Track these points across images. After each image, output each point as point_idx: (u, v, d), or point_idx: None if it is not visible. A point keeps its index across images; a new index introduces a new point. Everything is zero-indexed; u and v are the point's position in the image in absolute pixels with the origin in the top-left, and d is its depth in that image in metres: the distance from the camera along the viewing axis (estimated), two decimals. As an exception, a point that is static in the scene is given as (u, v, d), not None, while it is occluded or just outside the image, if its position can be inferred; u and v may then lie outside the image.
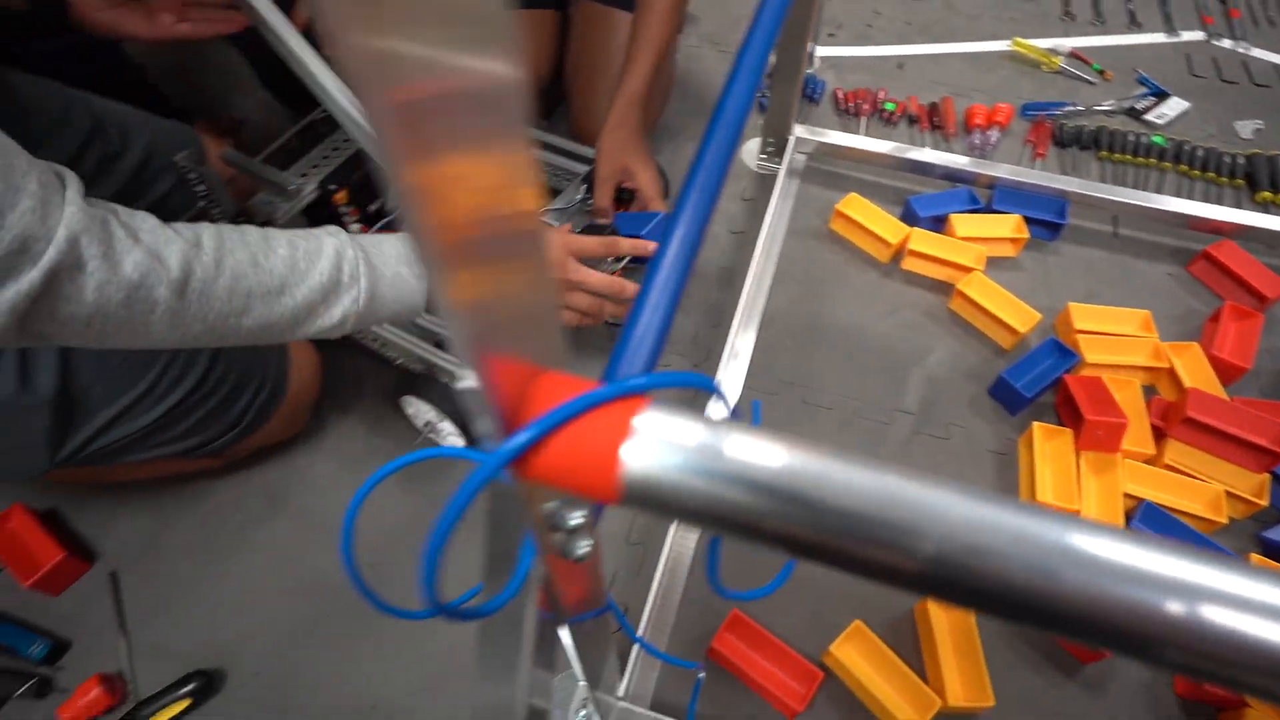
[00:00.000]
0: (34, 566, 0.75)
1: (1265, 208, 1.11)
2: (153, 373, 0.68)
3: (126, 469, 0.80)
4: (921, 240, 1.02)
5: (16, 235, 0.41)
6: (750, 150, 1.19)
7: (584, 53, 1.06)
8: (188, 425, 0.72)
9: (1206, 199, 1.11)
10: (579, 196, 0.96)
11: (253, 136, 1.22)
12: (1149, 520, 0.79)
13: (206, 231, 0.51)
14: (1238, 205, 1.12)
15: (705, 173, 0.60)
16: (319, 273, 0.55)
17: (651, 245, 0.81)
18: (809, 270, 1.05)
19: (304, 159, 0.91)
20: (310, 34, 0.72)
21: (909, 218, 1.08)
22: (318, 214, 0.89)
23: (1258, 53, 1.35)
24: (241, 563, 0.81)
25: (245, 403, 0.76)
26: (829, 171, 1.16)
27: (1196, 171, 1.15)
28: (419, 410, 0.82)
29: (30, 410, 0.63)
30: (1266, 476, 0.81)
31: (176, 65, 1.27)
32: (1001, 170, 1.08)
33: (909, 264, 1.04)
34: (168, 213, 0.53)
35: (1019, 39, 1.35)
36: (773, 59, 1.29)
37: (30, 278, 0.42)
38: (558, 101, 1.18)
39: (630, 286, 0.77)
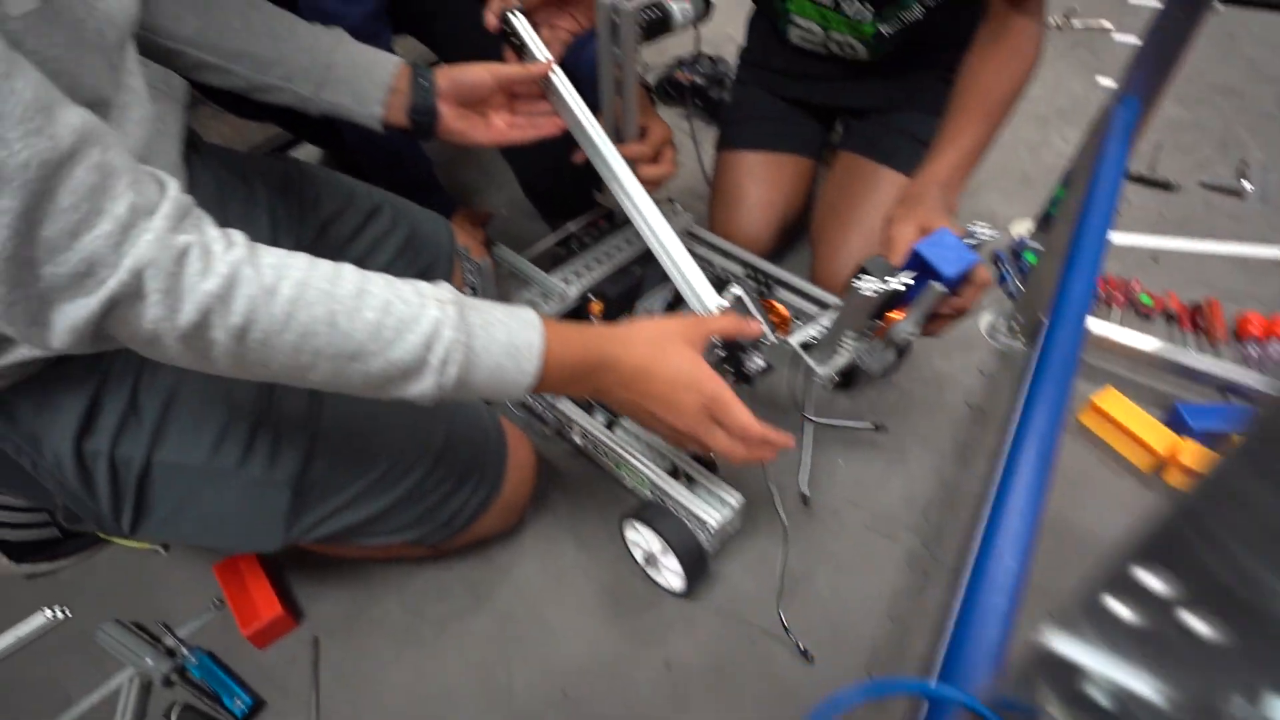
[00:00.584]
0: (254, 616, 0.77)
1: None
2: (382, 465, 0.69)
3: (342, 548, 0.82)
4: (1197, 457, 0.91)
5: (85, 258, 0.41)
6: (987, 322, 1.14)
7: (839, 202, 1.07)
8: (407, 518, 0.73)
9: None
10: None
11: (497, 232, 1.30)
12: None
13: (289, 278, 0.48)
14: None
15: (1039, 420, 0.55)
16: (404, 348, 0.51)
17: (756, 328, 0.69)
18: (1062, 472, 0.96)
19: (567, 264, 0.94)
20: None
21: (1176, 425, 0.97)
22: (574, 319, 0.92)
23: None
24: (439, 657, 0.78)
25: (463, 499, 0.76)
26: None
27: None
28: (643, 539, 0.79)
29: (274, 488, 0.66)
30: None
31: (444, 159, 1.40)
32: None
33: (1175, 478, 0.93)
34: None
35: (1298, 249, 1.25)
36: (1027, 231, 1.25)
37: (88, 303, 0.42)
38: (791, 242, 1.19)
39: (782, 440, 0.65)
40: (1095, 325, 1.06)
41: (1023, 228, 1.29)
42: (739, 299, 0.73)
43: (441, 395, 0.53)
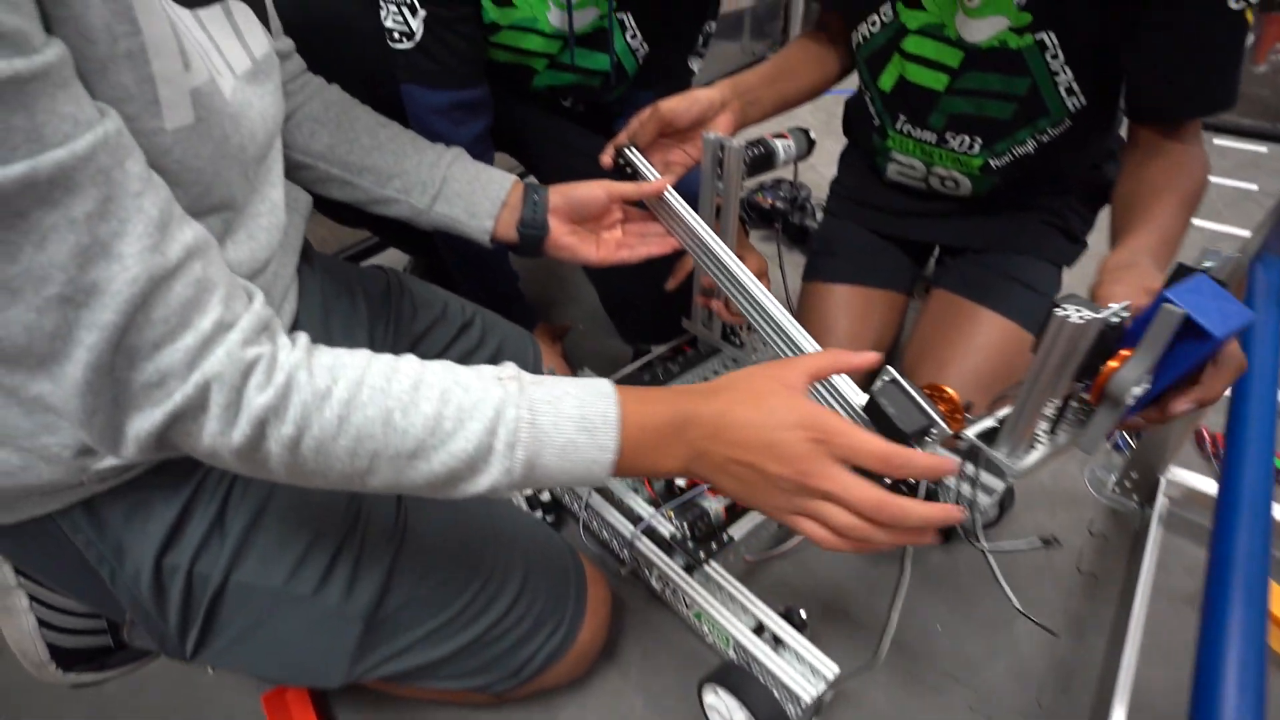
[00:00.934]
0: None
1: None
2: (458, 603, 0.65)
3: (400, 687, 0.76)
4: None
5: (160, 370, 0.41)
6: (1091, 473, 1.06)
7: (934, 341, 1.02)
8: (477, 663, 0.67)
9: None
10: None
11: (573, 347, 1.30)
12: None
13: (344, 379, 0.46)
14: None
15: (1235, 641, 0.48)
16: (466, 438, 0.47)
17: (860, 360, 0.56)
18: (1187, 646, 0.85)
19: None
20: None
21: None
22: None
23: None
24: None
25: (537, 645, 0.70)
26: (1192, 522, 0.99)
27: None
28: (723, 705, 0.71)
29: (346, 621, 0.62)
30: None
31: (524, 270, 1.42)
32: None
33: (1330, 676, 0.81)
34: None
35: None
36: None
37: (153, 415, 0.42)
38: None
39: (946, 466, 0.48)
40: (1194, 480, 0.97)
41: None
42: (894, 381, 0.54)
43: (511, 483, 0.48)
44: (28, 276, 0.36)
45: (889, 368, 0.56)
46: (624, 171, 0.82)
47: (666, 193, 0.79)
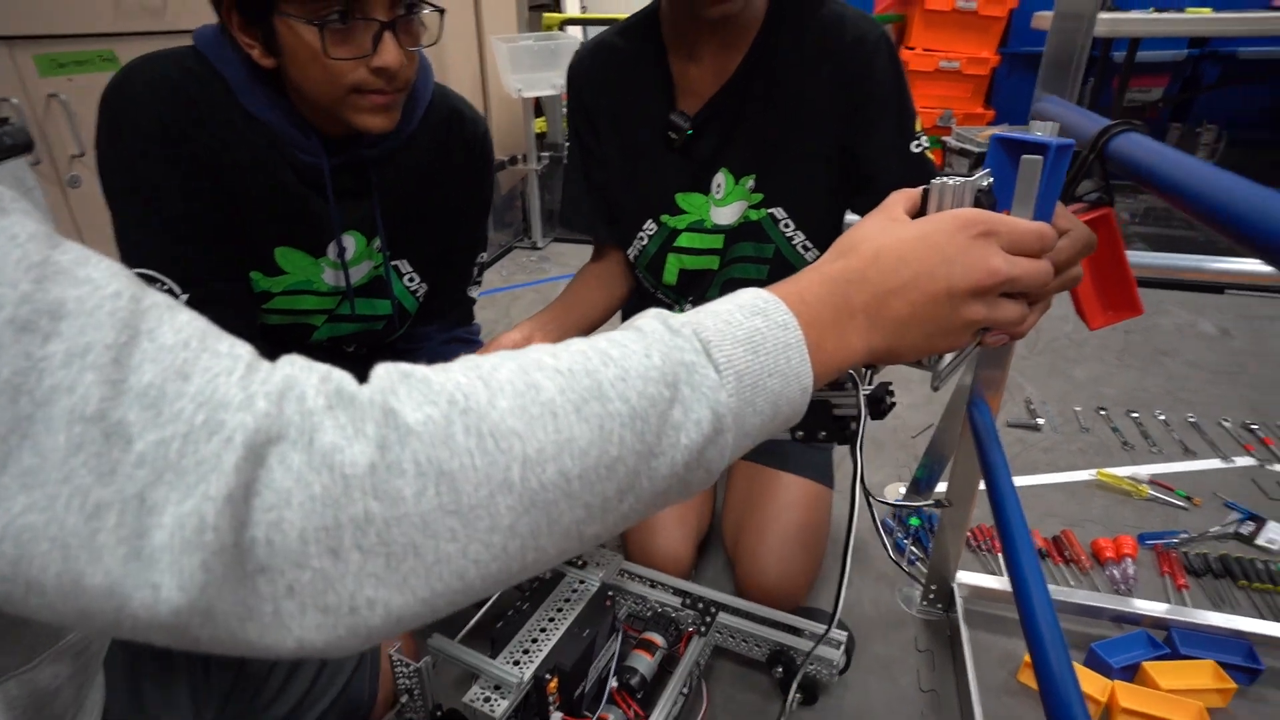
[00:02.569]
0: None
1: None
2: None
3: None
4: (1133, 696, 0.97)
5: (202, 403, 0.29)
6: (903, 594, 1.19)
7: (747, 510, 1.12)
8: None
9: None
10: None
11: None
12: None
13: (445, 365, 0.35)
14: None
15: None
16: (643, 354, 0.36)
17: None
18: (1021, 734, 0.97)
19: (509, 643, 0.87)
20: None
21: (1097, 666, 1.04)
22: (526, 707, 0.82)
23: (1311, 476, 1.49)
24: None
25: None
26: (983, 613, 1.16)
27: (1339, 599, 1.17)
28: None
29: None
30: None
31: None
32: (1192, 613, 1.09)
33: (1124, 723, 0.97)
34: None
35: (1101, 470, 1.48)
36: (899, 494, 1.38)
37: (222, 458, 0.29)
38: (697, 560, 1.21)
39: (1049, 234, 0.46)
40: (996, 581, 1.15)
41: (896, 491, 1.42)
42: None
43: (727, 400, 0.37)
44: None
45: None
46: None
47: None
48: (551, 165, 2.81)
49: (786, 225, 0.98)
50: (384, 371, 0.32)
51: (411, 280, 1.05)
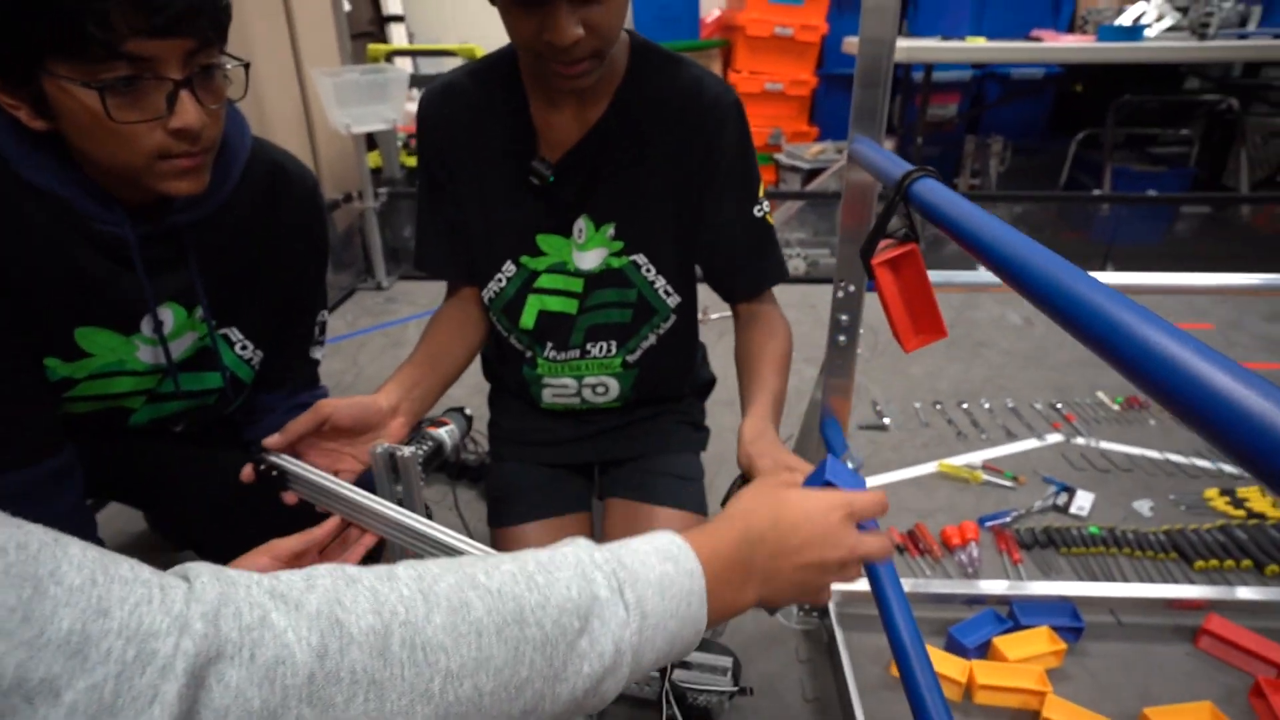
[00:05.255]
0: None
1: (1209, 575, 1.30)
2: None
3: None
4: (987, 672, 1.06)
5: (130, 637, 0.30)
6: (786, 610, 1.24)
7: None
8: None
9: (1158, 575, 1.29)
10: None
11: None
12: None
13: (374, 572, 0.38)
14: (1185, 579, 1.30)
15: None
16: (565, 584, 0.40)
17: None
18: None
19: None
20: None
21: (955, 648, 1.13)
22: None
23: (1105, 445, 1.71)
24: None
25: None
26: (855, 614, 1.22)
27: (1138, 552, 1.35)
28: None
29: None
30: None
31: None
32: (1027, 586, 1.21)
33: (982, 698, 1.06)
34: None
35: (943, 461, 1.62)
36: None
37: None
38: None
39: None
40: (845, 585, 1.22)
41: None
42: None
43: (631, 635, 0.42)
44: None
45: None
46: (270, 478, 0.75)
47: (348, 492, 0.74)
48: (390, 200, 2.70)
49: (648, 270, 1.00)
50: (330, 579, 0.34)
51: (244, 348, 0.96)
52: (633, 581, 0.42)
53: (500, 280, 1.01)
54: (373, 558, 0.82)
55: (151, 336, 0.85)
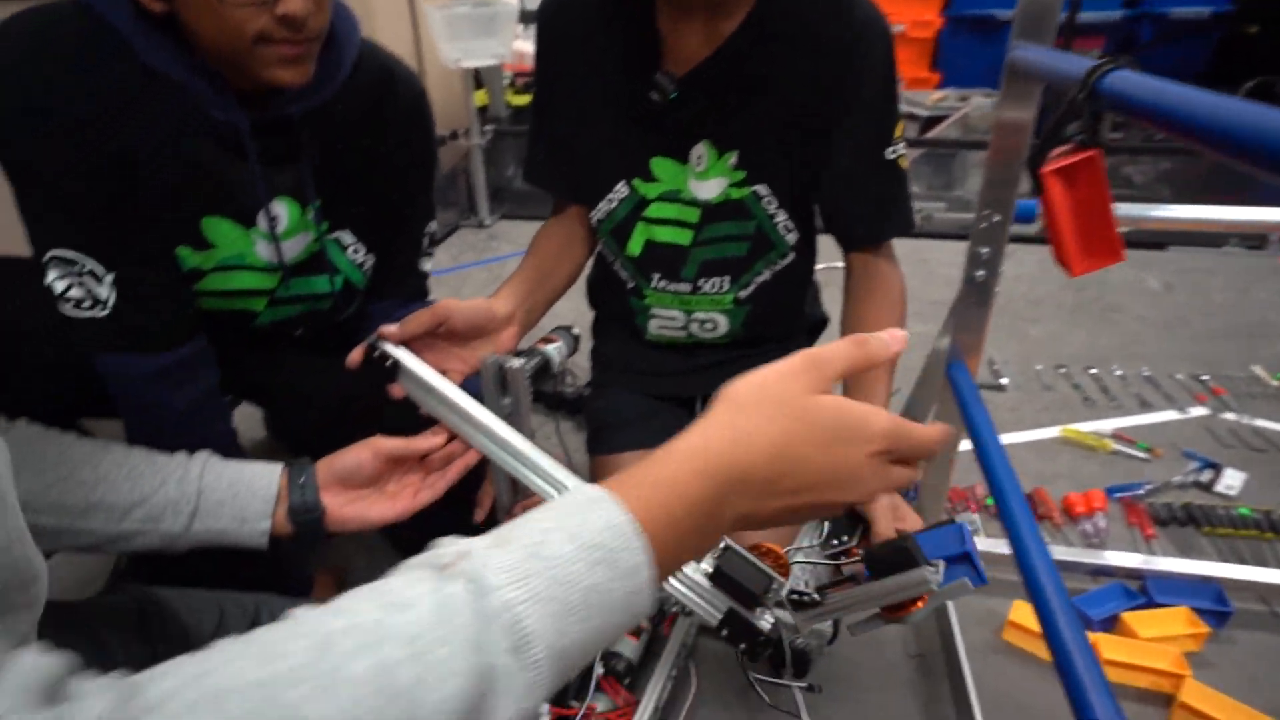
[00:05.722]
0: None
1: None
2: None
3: None
4: (1114, 647, 0.98)
5: None
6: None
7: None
8: None
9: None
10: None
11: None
12: None
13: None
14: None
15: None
16: (450, 675, 0.31)
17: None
18: (1010, 695, 0.97)
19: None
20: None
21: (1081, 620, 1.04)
22: None
23: (1261, 423, 1.53)
24: None
25: None
26: (964, 572, 1.15)
27: (1296, 539, 1.20)
28: None
29: None
30: None
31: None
32: (1162, 561, 1.10)
33: (1107, 674, 0.97)
34: None
35: (1067, 426, 1.49)
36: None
37: None
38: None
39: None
40: (984, 543, 1.14)
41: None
42: (728, 549, 0.69)
43: (547, 687, 0.34)
44: None
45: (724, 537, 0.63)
46: (379, 365, 0.75)
47: (457, 397, 0.73)
48: (495, 139, 2.71)
49: (769, 203, 0.94)
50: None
51: (356, 252, 0.97)
52: (542, 624, 0.33)
53: (611, 201, 0.98)
54: (473, 480, 0.81)
55: (267, 232, 0.86)
